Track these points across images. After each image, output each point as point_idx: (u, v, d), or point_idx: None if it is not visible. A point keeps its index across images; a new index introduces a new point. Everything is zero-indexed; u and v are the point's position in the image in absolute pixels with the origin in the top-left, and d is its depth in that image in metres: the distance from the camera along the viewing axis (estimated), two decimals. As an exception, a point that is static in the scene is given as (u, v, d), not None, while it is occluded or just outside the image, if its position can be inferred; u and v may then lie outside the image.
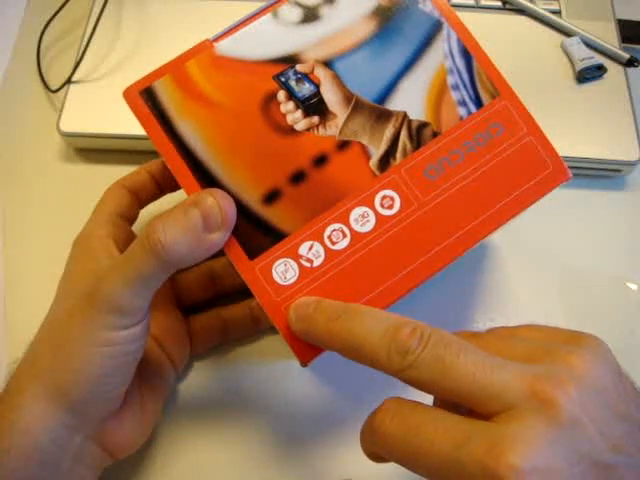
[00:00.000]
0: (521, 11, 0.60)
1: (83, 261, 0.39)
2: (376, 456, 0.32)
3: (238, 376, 0.47)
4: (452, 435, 0.27)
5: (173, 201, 0.36)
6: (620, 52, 0.57)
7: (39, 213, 0.53)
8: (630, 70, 0.57)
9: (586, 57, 0.56)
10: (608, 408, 0.28)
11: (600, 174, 0.55)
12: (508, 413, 0.27)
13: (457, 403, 0.29)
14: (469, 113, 0.39)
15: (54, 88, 0.55)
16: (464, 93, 0.39)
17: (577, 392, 0.27)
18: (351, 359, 0.32)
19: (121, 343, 0.35)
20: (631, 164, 0.53)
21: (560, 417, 0.27)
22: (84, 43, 0.56)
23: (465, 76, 0.39)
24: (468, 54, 0.39)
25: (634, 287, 0.51)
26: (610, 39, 0.58)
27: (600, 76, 0.56)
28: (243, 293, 0.45)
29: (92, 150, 0.55)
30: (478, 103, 0.39)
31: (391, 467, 0.33)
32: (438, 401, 0.33)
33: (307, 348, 0.36)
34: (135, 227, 0.42)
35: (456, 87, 0.39)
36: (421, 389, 0.29)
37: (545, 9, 0.59)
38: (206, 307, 0.47)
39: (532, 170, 0.38)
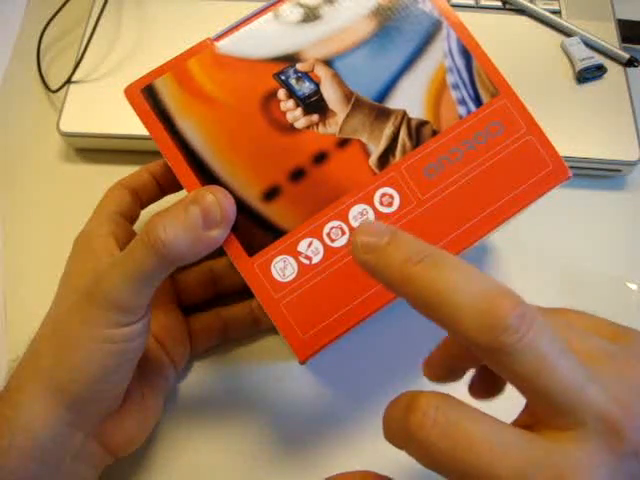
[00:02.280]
0: (521, 11, 0.60)
1: (84, 259, 0.39)
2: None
3: (238, 376, 0.47)
4: (512, 458, 0.25)
5: (174, 201, 0.36)
6: (620, 52, 0.57)
7: (39, 213, 0.53)
8: (630, 70, 0.57)
9: (586, 57, 0.56)
10: None
11: (600, 174, 0.55)
12: (577, 434, 0.25)
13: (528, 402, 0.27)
14: (469, 112, 0.39)
15: (54, 88, 0.55)
16: (464, 92, 0.39)
17: (638, 418, 0.26)
18: (425, 315, 0.27)
19: (121, 340, 0.35)
20: (631, 164, 0.53)
21: (624, 448, 0.25)
22: (84, 43, 0.56)
23: (464, 75, 0.39)
24: (467, 53, 0.40)
25: (634, 287, 0.51)
26: (610, 39, 0.58)
27: (600, 76, 0.56)
28: (243, 293, 0.45)
29: (92, 150, 0.55)
30: (478, 102, 0.39)
31: (392, 466, 0.33)
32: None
33: (306, 346, 0.36)
34: (136, 227, 0.42)
35: (456, 86, 0.39)
36: (505, 377, 0.26)
37: (545, 9, 0.59)
38: (206, 307, 0.47)
39: (532, 169, 0.39)
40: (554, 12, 0.60)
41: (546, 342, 0.25)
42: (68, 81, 0.54)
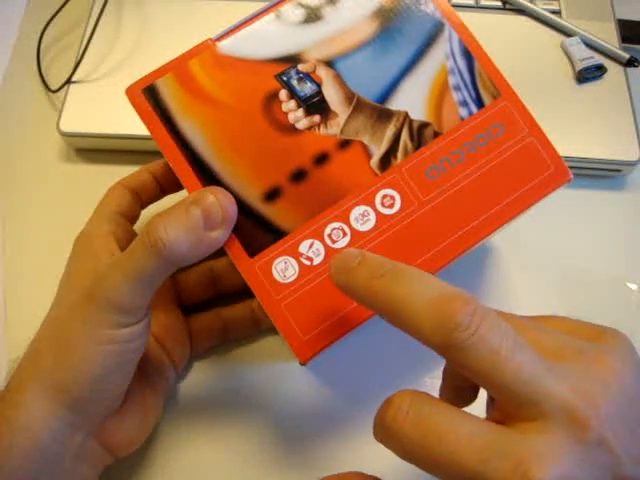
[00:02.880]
0: (521, 11, 0.60)
1: (84, 260, 0.38)
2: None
3: (238, 376, 0.47)
4: (477, 446, 0.26)
5: (174, 201, 0.36)
6: (620, 52, 0.57)
7: (39, 213, 0.53)
8: (630, 70, 0.57)
9: (586, 57, 0.56)
10: (632, 416, 0.28)
11: (600, 174, 0.55)
12: (540, 424, 0.27)
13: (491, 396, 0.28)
14: (470, 113, 0.39)
15: (54, 88, 0.55)
16: (465, 93, 0.39)
17: (607, 410, 0.27)
18: (391, 323, 0.30)
19: (122, 341, 0.35)
20: (631, 164, 0.53)
21: (589, 438, 0.26)
22: (84, 43, 0.56)
23: (466, 76, 0.39)
24: (469, 55, 0.39)
25: (634, 287, 0.51)
26: (610, 39, 0.58)
27: (600, 76, 0.56)
28: (243, 293, 0.45)
29: (92, 150, 0.55)
30: (479, 103, 0.39)
31: (391, 466, 0.33)
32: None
33: (306, 347, 0.36)
34: (136, 227, 0.42)
35: (457, 87, 0.39)
36: (464, 373, 0.28)
37: (545, 9, 0.59)
38: (206, 307, 0.47)
39: (533, 171, 0.39)
40: (554, 12, 0.60)
41: (498, 337, 0.27)
42: (68, 81, 0.54)
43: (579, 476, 0.26)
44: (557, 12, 0.60)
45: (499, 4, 0.60)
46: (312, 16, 0.39)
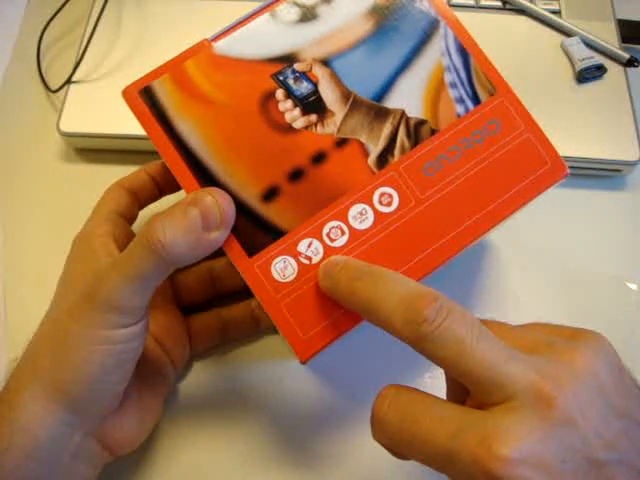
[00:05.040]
0: (521, 11, 0.60)
1: (82, 260, 0.39)
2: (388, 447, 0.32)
3: (238, 376, 0.47)
4: (447, 425, 0.28)
5: (173, 202, 0.36)
6: (620, 52, 0.57)
7: (39, 213, 0.53)
8: (630, 70, 0.57)
9: (586, 57, 0.56)
10: (606, 405, 0.29)
11: (600, 174, 0.55)
12: (506, 405, 0.28)
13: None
14: (467, 110, 0.39)
15: (54, 88, 0.55)
16: (461, 90, 0.39)
17: (575, 391, 0.28)
18: (368, 321, 0.33)
19: (120, 341, 0.35)
20: (631, 164, 0.53)
21: (555, 416, 0.27)
22: (84, 43, 0.56)
23: (462, 74, 0.39)
24: (465, 52, 0.40)
25: (634, 287, 0.51)
26: (610, 39, 0.58)
27: (600, 76, 0.56)
28: (243, 293, 0.45)
29: (92, 150, 0.55)
30: (475, 100, 0.39)
31: (391, 466, 0.33)
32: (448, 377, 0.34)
33: (307, 346, 0.36)
34: (134, 228, 0.42)
35: (453, 85, 0.39)
36: (434, 363, 0.30)
37: (545, 9, 0.59)
38: (206, 307, 0.47)
39: (530, 166, 0.39)
40: (554, 12, 0.60)
41: (463, 328, 0.29)
42: (68, 81, 0.54)
43: (544, 453, 0.27)
44: (557, 12, 0.60)
45: (499, 4, 0.60)
46: (307, 15, 0.39)
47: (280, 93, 0.38)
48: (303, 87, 0.38)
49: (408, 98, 0.39)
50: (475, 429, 0.27)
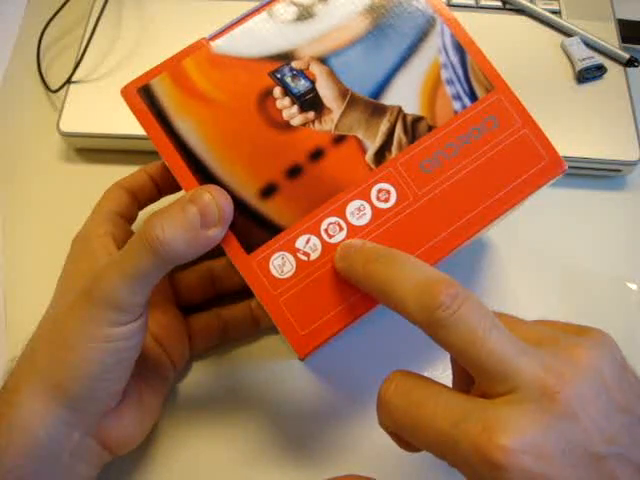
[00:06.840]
0: (521, 11, 0.60)
1: (82, 259, 0.39)
2: (392, 434, 0.33)
3: (238, 376, 0.47)
4: (451, 412, 0.29)
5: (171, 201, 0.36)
6: (620, 52, 0.57)
7: (39, 213, 0.53)
8: (630, 70, 0.57)
9: (586, 57, 0.56)
10: (608, 401, 0.29)
11: (600, 174, 0.55)
12: (510, 397, 0.28)
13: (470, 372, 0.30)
14: (464, 107, 0.39)
15: (54, 88, 0.56)
16: (458, 87, 0.39)
17: (578, 386, 0.28)
18: (382, 303, 0.33)
19: (119, 339, 0.35)
20: (631, 164, 0.53)
21: (557, 409, 0.27)
22: (84, 43, 0.56)
23: (459, 70, 0.39)
24: (461, 49, 0.40)
25: (634, 287, 0.51)
26: (610, 39, 0.58)
27: (600, 76, 0.56)
28: (243, 293, 0.45)
29: (92, 150, 0.55)
30: (472, 97, 0.39)
31: (391, 466, 0.33)
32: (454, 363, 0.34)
33: (305, 342, 0.36)
34: (134, 228, 0.42)
35: (450, 81, 0.39)
36: (444, 349, 0.30)
37: (545, 9, 0.59)
38: (206, 307, 0.47)
39: (527, 162, 0.39)
40: (554, 12, 0.60)
41: (477, 317, 0.29)
42: (68, 81, 0.54)
43: (544, 444, 0.27)
44: (557, 12, 0.60)
45: (499, 4, 0.60)
46: (304, 14, 0.39)
47: (278, 91, 0.38)
48: (301, 85, 0.38)
49: (405, 95, 0.39)
50: (477, 418, 0.28)
